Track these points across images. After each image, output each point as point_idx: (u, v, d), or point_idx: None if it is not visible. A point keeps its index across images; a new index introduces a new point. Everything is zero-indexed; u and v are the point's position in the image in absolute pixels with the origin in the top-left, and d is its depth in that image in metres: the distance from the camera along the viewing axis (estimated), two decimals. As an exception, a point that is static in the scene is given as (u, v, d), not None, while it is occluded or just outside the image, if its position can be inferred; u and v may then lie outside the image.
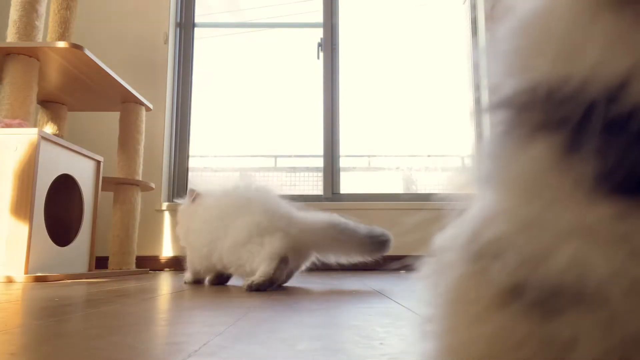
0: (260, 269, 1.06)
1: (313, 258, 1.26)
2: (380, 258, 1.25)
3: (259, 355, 0.37)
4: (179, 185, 2.72)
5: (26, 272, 1.43)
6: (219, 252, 1.18)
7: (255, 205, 1.22)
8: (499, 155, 0.24)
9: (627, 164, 0.18)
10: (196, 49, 2.89)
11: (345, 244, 1.22)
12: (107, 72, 1.86)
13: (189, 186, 1.51)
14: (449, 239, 0.27)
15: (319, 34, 2.85)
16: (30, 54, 1.68)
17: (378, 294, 0.97)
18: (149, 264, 2.51)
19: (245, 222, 1.17)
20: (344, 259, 1.25)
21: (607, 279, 0.18)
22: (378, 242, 1.24)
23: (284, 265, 1.11)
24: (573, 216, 0.19)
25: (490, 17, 2.68)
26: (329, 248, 1.24)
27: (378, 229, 1.25)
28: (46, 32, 2.48)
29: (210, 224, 1.22)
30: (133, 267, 2.12)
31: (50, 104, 2.14)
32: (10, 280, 1.39)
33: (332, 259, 1.26)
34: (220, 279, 1.29)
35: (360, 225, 1.24)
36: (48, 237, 1.55)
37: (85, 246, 1.79)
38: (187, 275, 1.33)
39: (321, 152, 2.74)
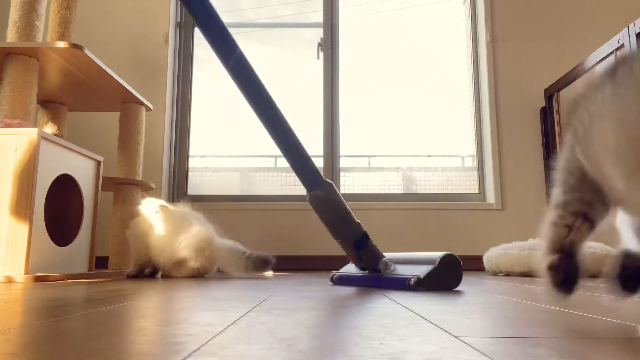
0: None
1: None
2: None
3: (259, 355, 0.37)
4: (178, 185, 2.73)
5: (26, 272, 1.43)
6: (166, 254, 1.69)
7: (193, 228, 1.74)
8: None
9: None
10: (196, 48, 2.89)
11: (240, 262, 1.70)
12: (107, 72, 1.86)
13: (163, 202, 1.81)
14: None
15: (319, 34, 2.85)
16: (30, 54, 1.68)
17: (378, 293, 0.97)
18: (149, 264, 2.51)
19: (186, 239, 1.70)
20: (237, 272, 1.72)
21: None
22: (262, 261, 1.71)
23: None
24: None
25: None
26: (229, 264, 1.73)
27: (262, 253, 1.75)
28: (46, 32, 2.49)
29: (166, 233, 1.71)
30: (133, 267, 2.11)
31: (50, 104, 2.14)
32: (10, 280, 1.39)
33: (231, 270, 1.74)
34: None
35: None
36: (48, 237, 1.55)
37: (85, 246, 1.79)
38: (132, 269, 1.75)
39: (321, 152, 2.74)
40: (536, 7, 2.78)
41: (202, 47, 2.90)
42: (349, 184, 2.74)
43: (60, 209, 1.77)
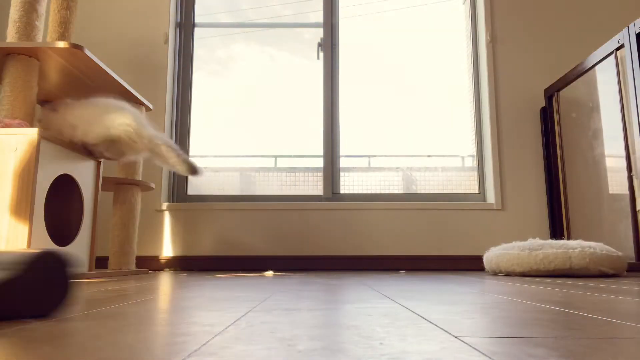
0: None
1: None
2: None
3: (259, 355, 0.37)
4: (178, 185, 2.73)
5: (26, 272, 1.43)
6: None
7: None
8: None
9: None
10: (196, 48, 2.89)
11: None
12: (107, 72, 1.86)
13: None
14: None
15: (319, 34, 2.85)
16: (30, 54, 1.68)
17: (378, 294, 0.97)
18: (149, 264, 2.52)
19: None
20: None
21: None
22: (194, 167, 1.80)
23: None
24: None
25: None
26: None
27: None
28: (46, 32, 2.49)
29: None
30: (133, 267, 2.12)
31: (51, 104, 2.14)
32: (10, 280, 1.39)
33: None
34: None
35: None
36: (48, 237, 1.55)
37: (85, 246, 1.79)
38: None
39: (321, 152, 2.74)
40: (536, 7, 2.78)
41: (202, 47, 2.90)
42: (349, 184, 2.74)
43: (60, 209, 1.77)
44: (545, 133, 2.62)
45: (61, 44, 1.66)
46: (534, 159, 2.64)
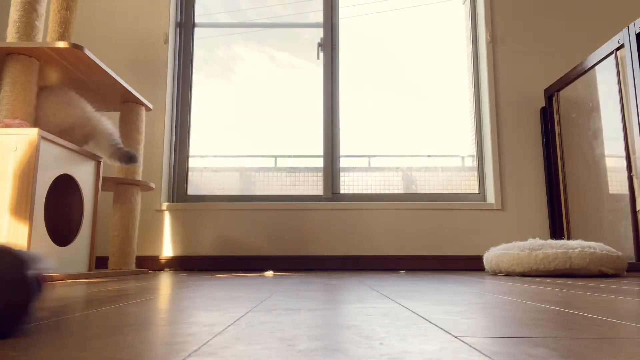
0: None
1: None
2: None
3: (259, 355, 0.37)
4: (179, 185, 2.73)
5: (26, 272, 1.43)
6: None
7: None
8: None
9: None
10: (196, 49, 2.89)
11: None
12: (107, 72, 1.86)
13: None
14: None
15: (319, 34, 2.85)
16: (30, 54, 1.68)
17: (378, 294, 0.97)
18: (149, 264, 2.52)
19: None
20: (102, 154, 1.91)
21: None
22: (127, 156, 1.89)
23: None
24: None
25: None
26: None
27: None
28: (46, 32, 2.49)
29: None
30: (133, 267, 2.12)
31: (50, 104, 2.14)
32: (10, 280, 1.39)
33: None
34: None
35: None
36: (48, 237, 1.55)
37: (85, 246, 1.79)
38: None
39: (321, 152, 2.74)
40: (536, 7, 2.78)
41: (202, 48, 2.90)
42: (349, 184, 2.74)
43: (60, 209, 1.77)
44: (545, 133, 2.62)
45: (61, 44, 1.66)
46: (534, 159, 2.64)
